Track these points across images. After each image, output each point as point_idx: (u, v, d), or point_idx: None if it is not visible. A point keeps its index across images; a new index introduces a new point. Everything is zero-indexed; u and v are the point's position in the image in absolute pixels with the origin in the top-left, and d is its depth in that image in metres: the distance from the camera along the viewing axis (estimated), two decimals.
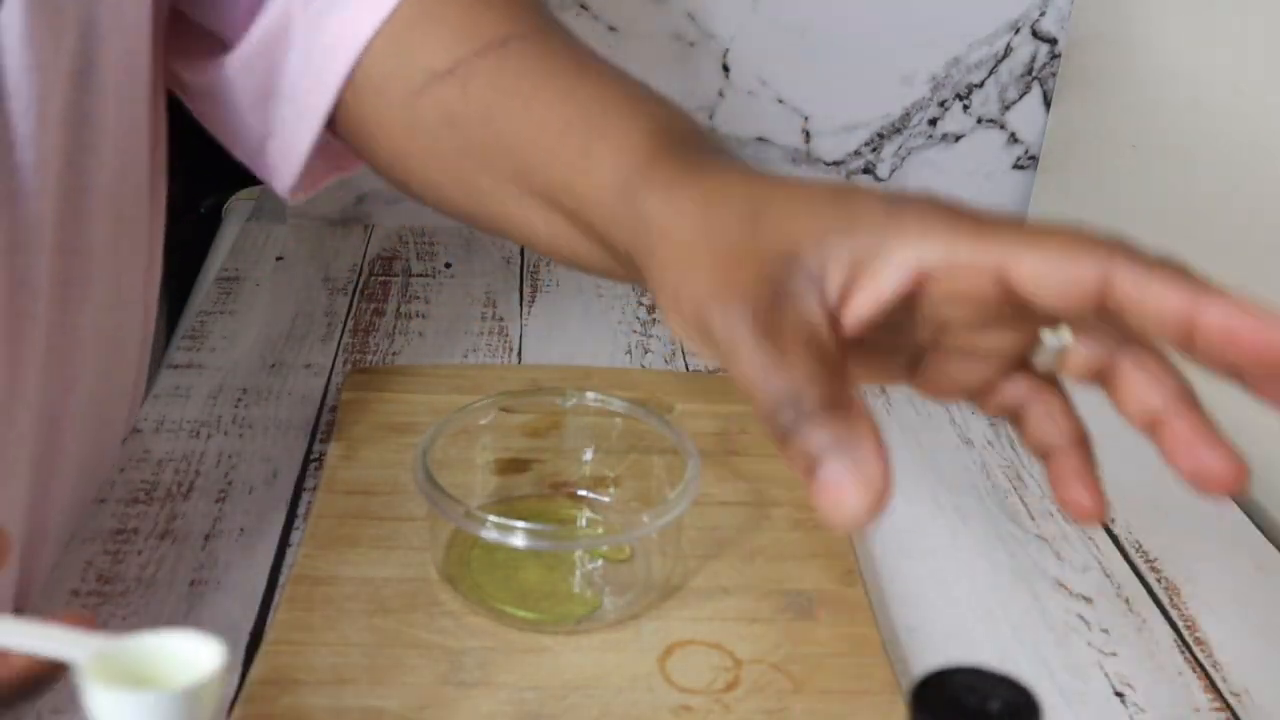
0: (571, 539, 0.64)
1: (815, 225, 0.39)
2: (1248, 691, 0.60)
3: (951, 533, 0.70)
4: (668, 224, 0.42)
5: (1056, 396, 0.42)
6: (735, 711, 0.54)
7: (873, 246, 0.38)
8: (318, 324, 0.90)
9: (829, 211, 0.39)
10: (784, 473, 0.71)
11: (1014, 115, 1.09)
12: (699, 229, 0.41)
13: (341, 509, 0.66)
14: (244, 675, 0.56)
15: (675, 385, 0.80)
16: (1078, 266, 0.36)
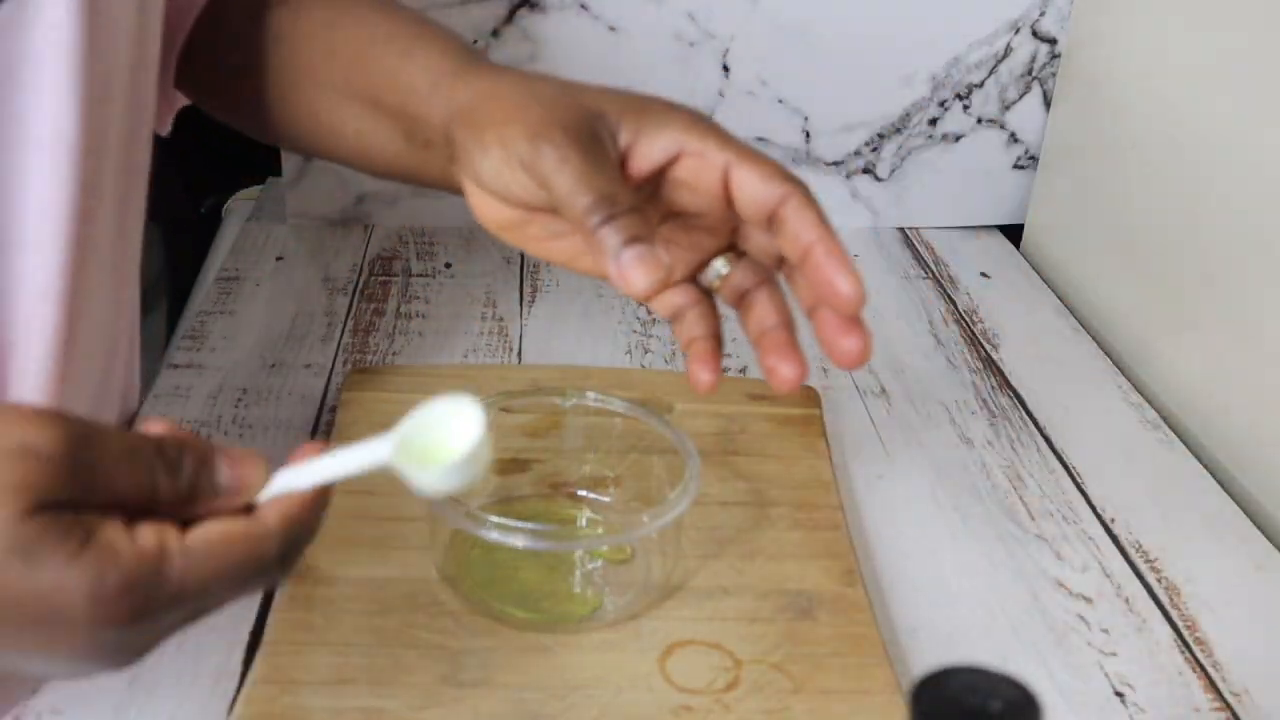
0: (571, 539, 0.64)
1: (616, 102, 0.54)
2: (1248, 691, 0.60)
3: (951, 533, 0.70)
4: (496, 89, 0.55)
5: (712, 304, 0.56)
6: (735, 711, 0.54)
7: (654, 125, 0.53)
8: (318, 324, 0.90)
9: (627, 97, 0.54)
10: (784, 473, 0.71)
11: (1014, 115, 1.08)
12: (524, 90, 0.54)
13: (341, 509, 0.66)
14: (244, 675, 0.56)
15: (675, 385, 0.80)
16: (772, 182, 0.52)
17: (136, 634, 0.37)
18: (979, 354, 0.91)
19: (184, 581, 0.37)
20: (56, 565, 0.35)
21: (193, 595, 0.38)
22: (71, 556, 0.35)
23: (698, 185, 0.53)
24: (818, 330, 0.53)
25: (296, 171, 1.06)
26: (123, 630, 0.36)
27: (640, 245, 0.48)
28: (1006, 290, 1.02)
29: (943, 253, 1.08)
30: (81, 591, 0.35)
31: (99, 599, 0.36)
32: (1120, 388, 0.87)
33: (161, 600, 0.37)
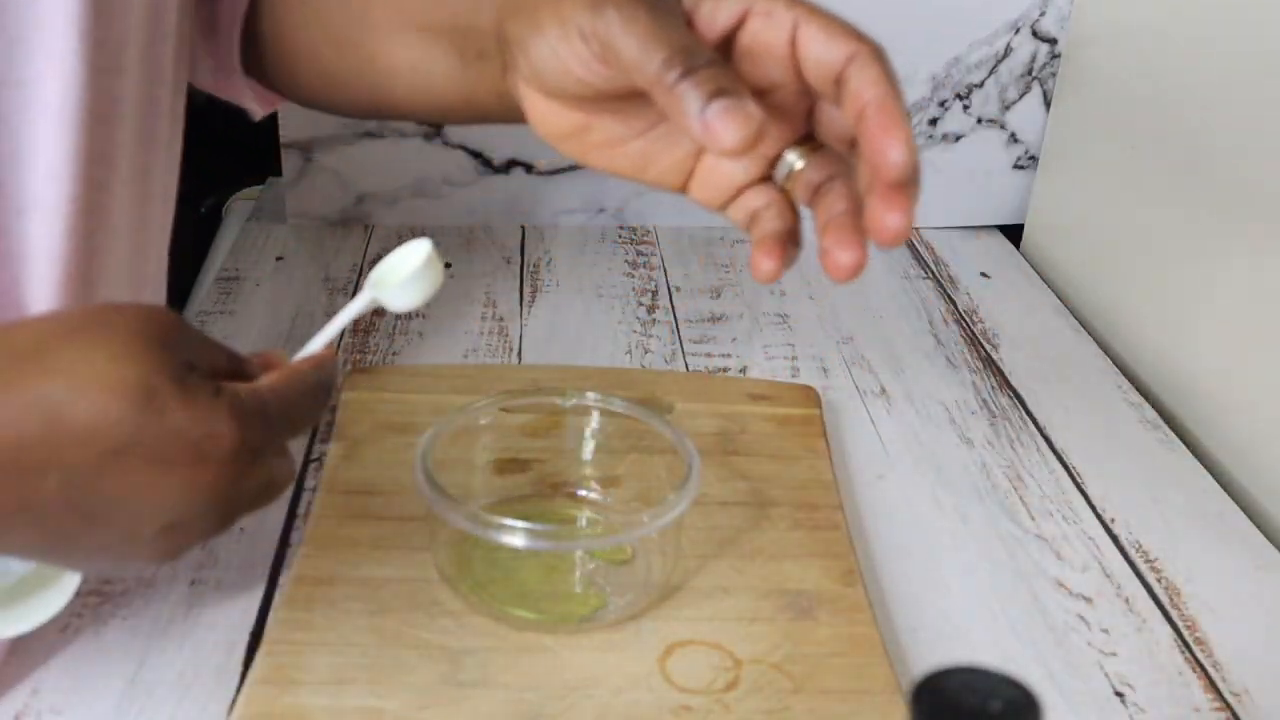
0: (572, 539, 0.64)
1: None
2: (1248, 691, 0.60)
3: (951, 533, 0.70)
4: None
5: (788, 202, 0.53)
6: (735, 711, 0.54)
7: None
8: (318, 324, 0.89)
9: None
10: (784, 473, 0.71)
11: (1014, 115, 1.09)
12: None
13: (341, 509, 0.66)
14: (244, 675, 0.56)
15: (675, 385, 0.80)
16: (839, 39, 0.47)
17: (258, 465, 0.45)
18: (979, 354, 0.91)
19: (279, 406, 0.46)
20: (206, 399, 0.43)
21: (286, 418, 0.47)
22: (215, 393, 0.44)
23: (767, 51, 0.48)
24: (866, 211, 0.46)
25: (296, 171, 1.06)
26: (252, 458, 0.44)
27: (727, 98, 0.44)
28: (1006, 290, 1.02)
29: (943, 253, 1.08)
30: (230, 416, 0.43)
31: (242, 418, 0.44)
32: (1120, 388, 0.87)
33: (273, 424, 0.46)
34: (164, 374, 0.42)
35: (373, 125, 1.04)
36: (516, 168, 1.06)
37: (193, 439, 0.43)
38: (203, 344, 0.46)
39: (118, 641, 0.59)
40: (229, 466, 0.44)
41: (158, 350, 0.43)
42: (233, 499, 0.45)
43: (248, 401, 0.45)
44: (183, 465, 0.43)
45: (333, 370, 0.50)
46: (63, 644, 0.58)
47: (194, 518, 0.44)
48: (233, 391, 0.44)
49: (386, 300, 0.52)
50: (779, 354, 0.89)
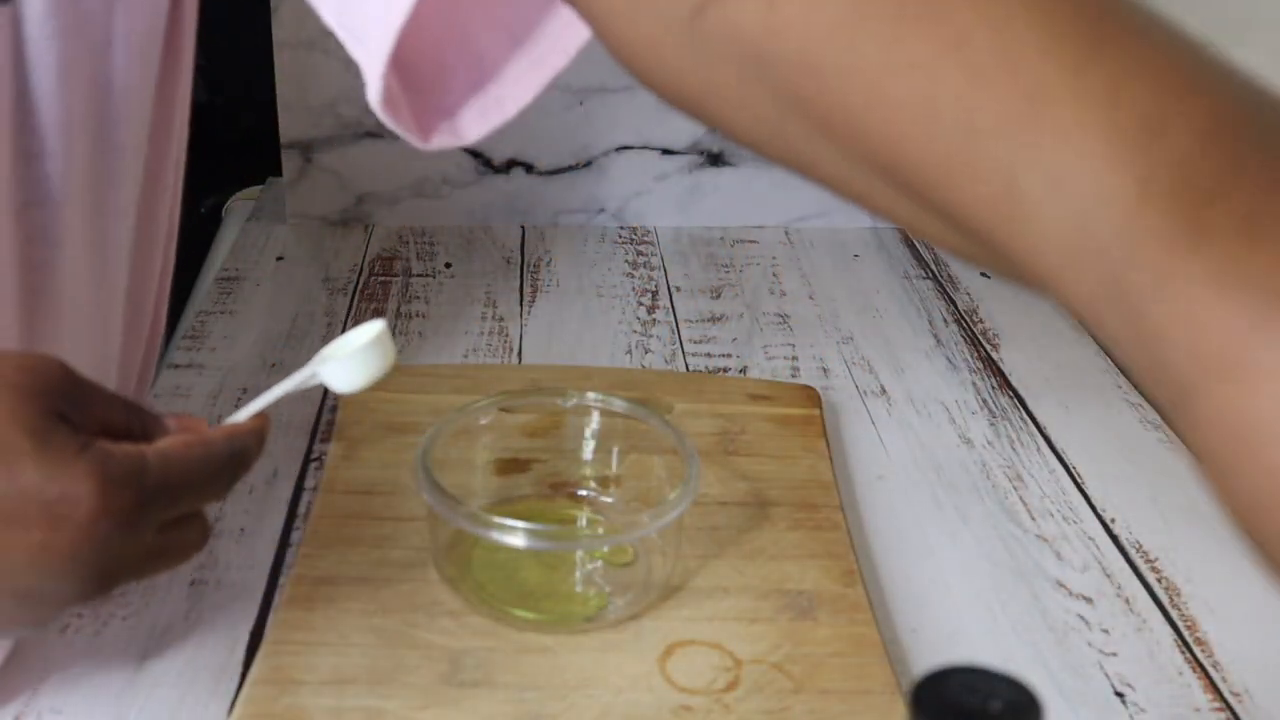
0: (572, 539, 0.64)
1: None
2: (1248, 692, 0.60)
3: (951, 533, 0.70)
4: None
5: None
6: (735, 711, 0.54)
7: None
8: (318, 324, 0.90)
9: None
10: (784, 473, 0.71)
11: None
12: None
13: (341, 509, 0.66)
14: (244, 675, 0.56)
15: (675, 385, 0.80)
16: None
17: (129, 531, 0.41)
18: (979, 354, 0.91)
19: (166, 474, 0.42)
20: (68, 457, 0.40)
21: (167, 489, 0.43)
22: (79, 450, 0.40)
23: None
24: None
25: (296, 171, 1.06)
26: (119, 526, 0.41)
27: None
28: (1006, 290, 1.02)
29: (943, 253, 1.08)
30: (91, 474, 0.40)
31: (105, 480, 0.40)
32: (1120, 387, 0.87)
33: (150, 488, 0.42)
34: (20, 427, 0.39)
35: (372, 125, 1.04)
36: (516, 168, 1.06)
37: (46, 499, 0.39)
38: (91, 397, 0.43)
39: (118, 641, 0.59)
40: (88, 531, 0.40)
41: (19, 402, 0.40)
42: (101, 566, 0.41)
43: (122, 462, 0.41)
44: (36, 528, 0.39)
45: (250, 442, 0.47)
46: (63, 644, 0.58)
47: (53, 584, 0.41)
48: (104, 451, 0.41)
49: (327, 377, 0.49)
50: (779, 354, 0.89)
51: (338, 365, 0.49)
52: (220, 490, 0.46)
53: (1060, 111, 0.27)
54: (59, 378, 0.42)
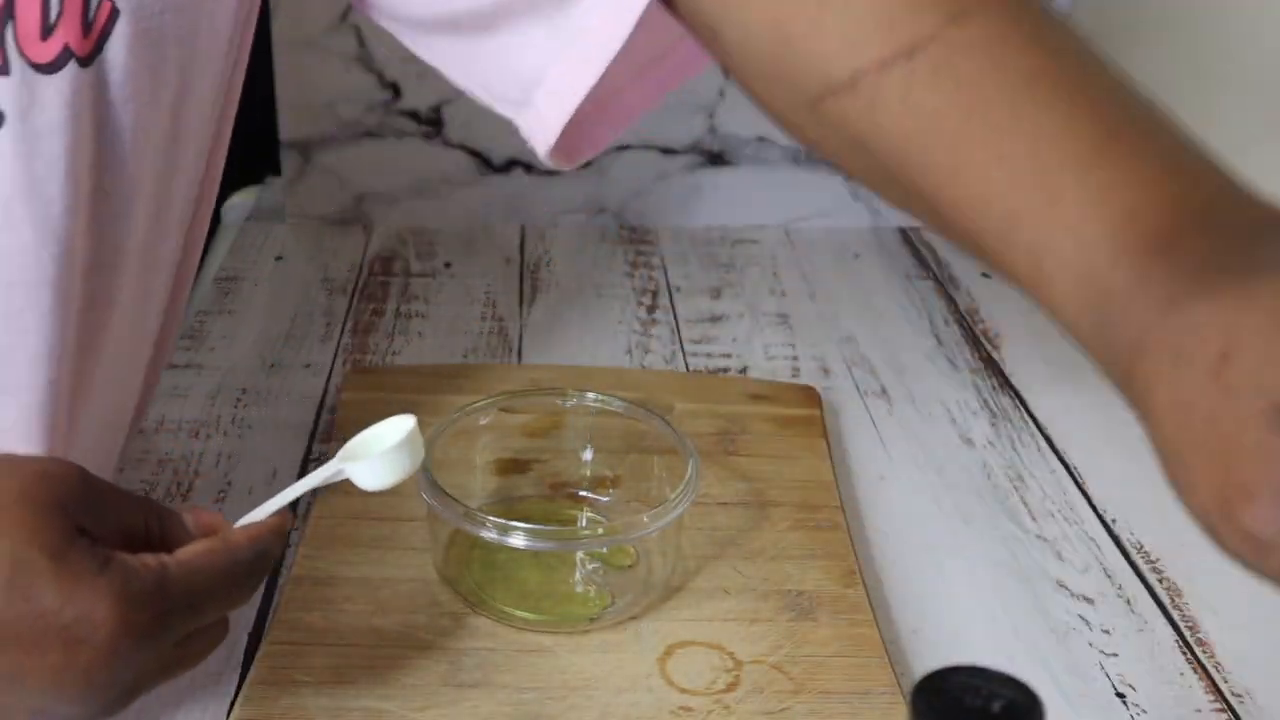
0: (571, 539, 0.64)
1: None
2: (1249, 693, 0.60)
3: (952, 533, 0.70)
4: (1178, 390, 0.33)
5: None
6: (735, 712, 0.54)
7: None
8: (317, 324, 0.90)
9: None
10: (784, 473, 0.71)
11: None
12: None
13: (341, 509, 0.66)
14: (244, 675, 0.56)
15: (675, 385, 0.80)
16: None
17: (148, 647, 0.40)
18: (979, 354, 0.91)
19: (184, 586, 0.41)
20: (88, 576, 0.39)
21: (190, 602, 0.42)
22: (100, 569, 0.39)
23: None
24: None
25: (296, 171, 1.06)
26: (139, 643, 0.40)
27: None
28: (1007, 290, 1.02)
29: (944, 253, 1.08)
30: (111, 595, 0.39)
31: (125, 600, 0.39)
32: None
33: (172, 604, 0.41)
34: (38, 546, 0.39)
35: (373, 125, 1.04)
36: (516, 168, 1.06)
37: (64, 622, 0.38)
38: (109, 505, 0.42)
39: None
40: (106, 652, 0.39)
41: (36, 516, 0.39)
42: (118, 685, 0.41)
43: (144, 579, 0.40)
44: (53, 651, 0.39)
45: (272, 545, 0.46)
46: None
47: (68, 704, 0.40)
48: (125, 568, 0.40)
49: (354, 475, 0.48)
50: (779, 354, 0.89)
51: (366, 465, 0.49)
52: (244, 596, 0.45)
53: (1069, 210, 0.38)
54: (78, 488, 0.41)
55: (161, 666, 0.42)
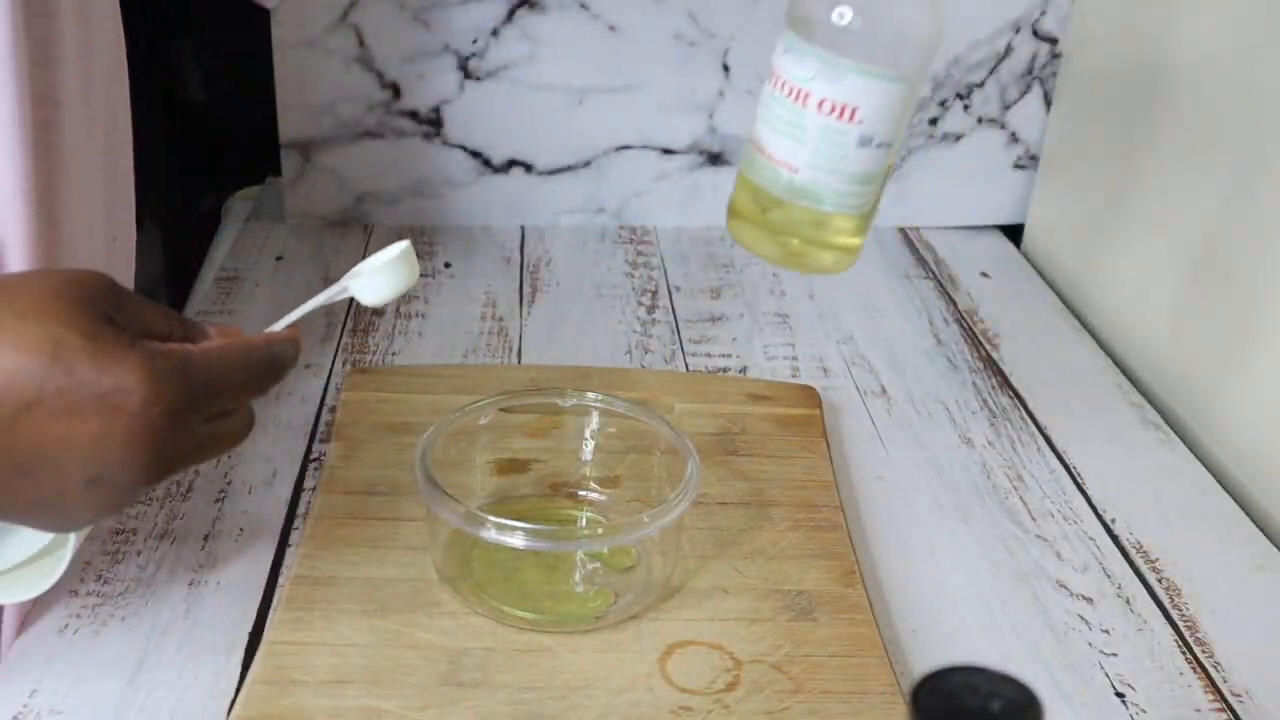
0: (571, 539, 0.64)
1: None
2: (1249, 692, 0.60)
3: (952, 533, 0.70)
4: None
5: None
6: (735, 712, 0.54)
7: None
8: (317, 324, 0.90)
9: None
10: (784, 473, 0.71)
11: (1014, 115, 1.08)
12: None
13: (341, 509, 0.66)
14: (243, 675, 0.56)
15: (675, 385, 0.80)
16: None
17: (179, 419, 0.45)
18: (979, 354, 0.91)
19: (208, 369, 0.47)
20: (118, 353, 0.44)
21: (215, 385, 0.47)
22: (128, 345, 0.44)
23: None
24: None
25: (296, 171, 1.06)
26: (169, 415, 0.45)
27: None
28: (1006, 290, 1.02)
29: (943, 253, 1.08)
30: (139, 367, 0.44)
31: (152, 372, 0.44)
32: (1120, 388, 0.87)
33: (196, 382, 0.46)
34: (72, 328, 0.43)
35: (373, 125, 1.04)
36: (516, 168, 1.06)
37: (100, 391, 0.43)
38: (136, 305, 0.47)
39: (118, 641, 0.59)
40: (140, 419, 0.44)
41: (70, 307, 0.44)
42: (156, 451, 0.45)
43: (168, 358, 0.45)
44: (94, 417, 0.43)
45: (287, 349, 0.51)
46: (63, 644, 0.58)
47: (116, 469, 0.45)
48: (150, 348, 0.45)
49: (355, 289, 0.54)
50: (779, 354, 0.89)
51: (366, 279, 0.54)
52: (260, 387, 0.50)
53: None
54: (106, 288, 0.46)
55: (196, 444, 0.47)
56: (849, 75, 0.56)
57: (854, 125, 0.57)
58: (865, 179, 0.59)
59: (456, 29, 1.01)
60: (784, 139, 0.57)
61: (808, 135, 0.57)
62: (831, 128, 0.57)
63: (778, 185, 0.58)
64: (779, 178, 0.58)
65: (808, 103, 0.56)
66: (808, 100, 0.56)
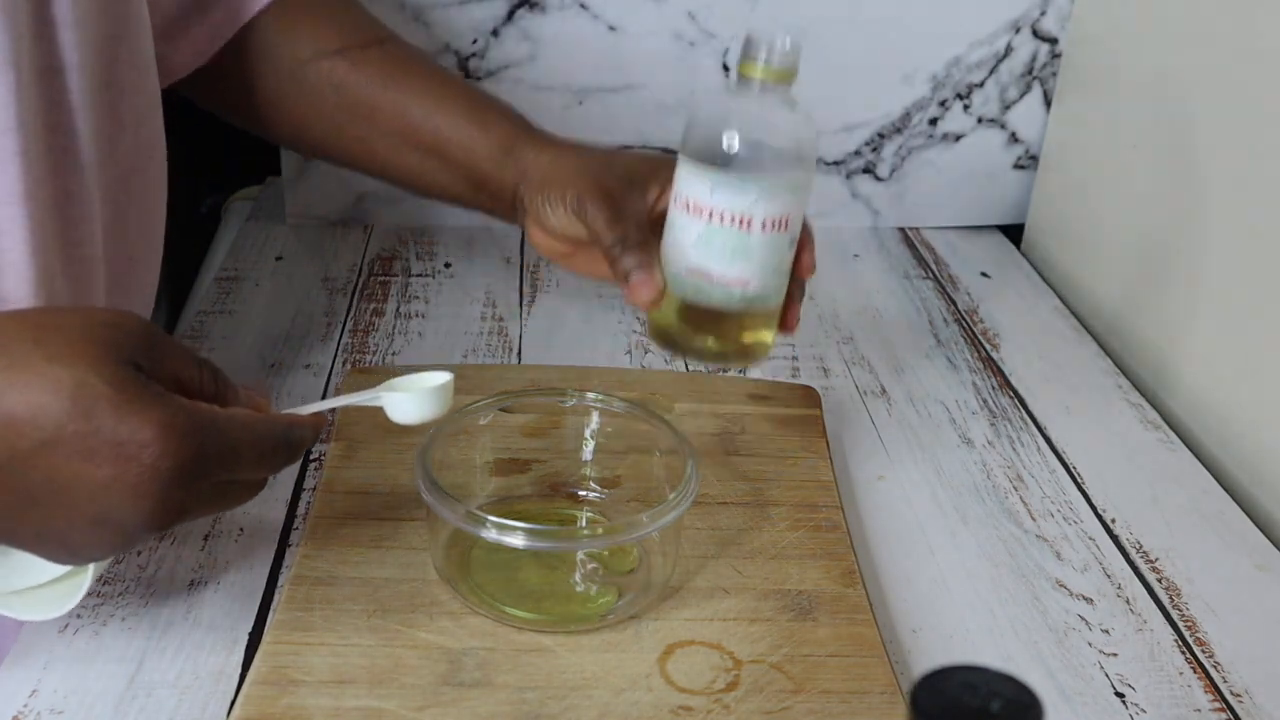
0: (571, 539, 0.64)
1: (646, 166, 0.70)
2: (1248, 692, 0.60)
3: (951, 533, 0.70)
4: (557, 161, 0.70)
5: None
6: (735, 712, 0.54)
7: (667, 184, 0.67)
8: (317, 324, 0.90)
9: (655, 161, 0.69)
10: (784, 473, 0.71)
11: (1014, 115, 1.08)
12: (577, 162, 0.70)
13: (341, 509, 0.66)
14: (243, 675, 0.56)
15: (675, 385, 0.80)
16: None
17: (189, 478, 0.46)
18: (979, 354, 0.91)
19: (224, 437, 0.48)
20: (140, 403, 0.45)
21: (229, 455, 0.48)
22: (151, 398, 0.45)
23: None
24: None
25: (296, 171, 1.06)
26: (180, 471, 0.46)
27: (640, 271, 0.65)
28: (1006, 290, 1.02)
29: (943, 253, 1.08)
30: (157, 422, 0.45)
31: (170, 429, 0.45)
32: (1120, 387, 0.87)
33: (210, 447, 0.47)
34: (98, 374, 0.45)
35: None
36: None
37: (116, 439, 0.45)
38: (169, 352, 0.48)
39: (118, 641, 0.59)
40: (151, 472, 0.45)
41: (100, 351, 0.45)
42: (162, 503, 0.46)
43: (188, 417, 0.46)
44: (107, 463, 0.45)
45: (306, 434, 0.52)
46: (63, 644, 0.58)
47: (121, 514, 0.46)
48: (173, 403, 0.46)
49: (387, 404, 0.56)
50: (779, 354, 0.89)
51: (401, 398, 0.56)
52: (273, 466, 0.51)
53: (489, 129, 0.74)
54: (139, 334, 0.47)
55: (201, 501, 0.48)
56: (782, 193, 0.62)
57: (787, 232, 0.64)
58: (788, 270, 0.66)
59: (456, 29, 1.01)
60: (732, 261, 0.63)
61: (753, 253, 0.63)
62: (773, 241, 0.63)
63: (732, 301, 0.64)
64: (732, 295, 0.64)
65: (751, 227, 0.62)
66: (751, 225, 0.62)
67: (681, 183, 0.64)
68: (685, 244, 0.64)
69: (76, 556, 0.49)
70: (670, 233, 0.65)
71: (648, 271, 0.65)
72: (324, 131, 0.77)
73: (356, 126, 0.76)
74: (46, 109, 0.59)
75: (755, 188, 0.61)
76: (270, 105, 0.77)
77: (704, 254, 0.63)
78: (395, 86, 0.75)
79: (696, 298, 0.65)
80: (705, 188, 0.62)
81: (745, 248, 0.63)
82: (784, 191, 0.62)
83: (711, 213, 0.62)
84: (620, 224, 0.66)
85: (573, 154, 0.71)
